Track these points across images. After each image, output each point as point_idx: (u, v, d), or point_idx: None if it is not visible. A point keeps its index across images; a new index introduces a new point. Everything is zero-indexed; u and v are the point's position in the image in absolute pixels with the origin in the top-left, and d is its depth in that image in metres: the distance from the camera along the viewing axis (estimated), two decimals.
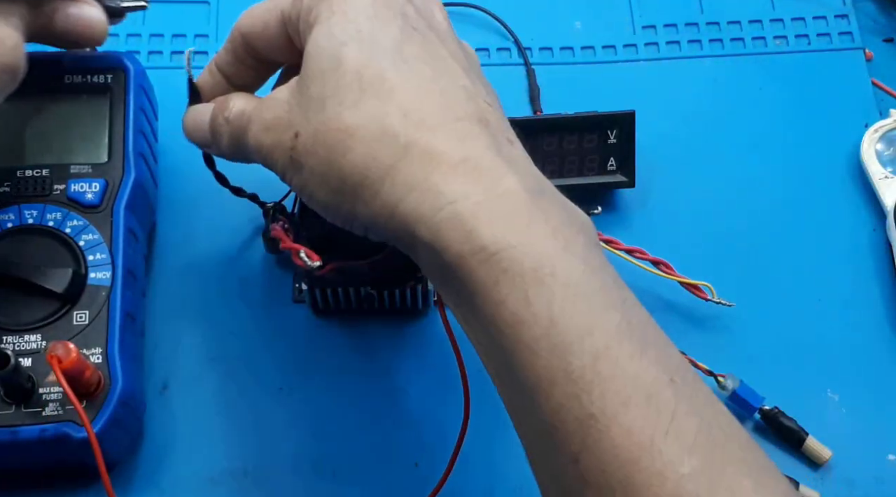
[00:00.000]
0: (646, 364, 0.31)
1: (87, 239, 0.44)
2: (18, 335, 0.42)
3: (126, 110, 0.47)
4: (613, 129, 0.53)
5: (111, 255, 0.44)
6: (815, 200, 0.55)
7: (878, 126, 0.57)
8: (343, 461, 0.47)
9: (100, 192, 0.45)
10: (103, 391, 0.41)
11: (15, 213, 0.44)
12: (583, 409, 0.30)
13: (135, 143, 0.47)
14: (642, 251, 0.50)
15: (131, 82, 0.48)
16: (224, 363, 0.49)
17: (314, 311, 0.51)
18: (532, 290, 0.31)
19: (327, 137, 0.34)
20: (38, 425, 0.40)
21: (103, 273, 0.44)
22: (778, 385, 0.49)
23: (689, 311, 0.51)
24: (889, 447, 0.49)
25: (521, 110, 0.57)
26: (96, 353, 0.42)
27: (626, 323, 0.32)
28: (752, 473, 0.30)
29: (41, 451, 0.41)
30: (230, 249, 0.52)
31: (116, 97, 0.47)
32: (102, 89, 0.47)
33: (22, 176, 0.45)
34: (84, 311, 0.43)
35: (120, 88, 0.47)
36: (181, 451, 0.47)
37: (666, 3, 0.62)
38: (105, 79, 0.47)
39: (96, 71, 0.47)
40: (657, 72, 0.60)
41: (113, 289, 0.44)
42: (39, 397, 0.41)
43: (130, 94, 0.47)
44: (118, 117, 0.47)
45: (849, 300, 0.52)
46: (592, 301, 0.32)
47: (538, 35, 0.60)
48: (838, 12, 0.62)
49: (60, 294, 0.42)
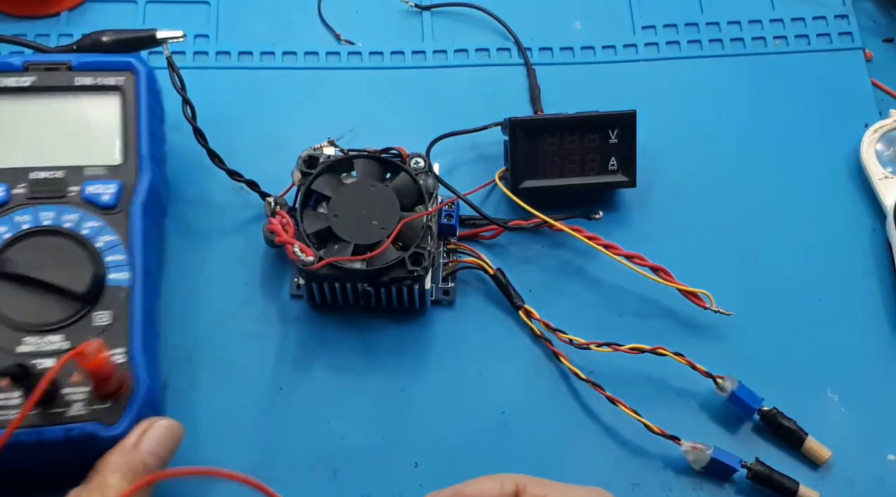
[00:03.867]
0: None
1: (105, 240, 0.44)
2: (40, 336, 0.42)
3: (138, 112, 0.47)
4: (615, 128, 0.53)
5: (130, 255, 0.44)
6: (815, 200, 0.56)
7: (877, 126, 0.57)
8: (343, 461, 0.47)
9: (116, 194, 0.45)
10: (128, 390, 0.42)
11: (31, 215, 0.44)
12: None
13: (148, 144, 0.47)
14: (641, 257, 0.50)
15: (142, 84, 0.48)
16: (224, 362, 0.49)
17: (311, 306, 0.51)
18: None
19: None
20: (63, 425, 0.40)
21: (123, 273, 0.44)
22: (778, 385, 0.49)
23: (688, 312, 0.51)
24: (889, 447, 0.49)
25: (522, 110, 0.57)
26: (120, 353, 0.42)
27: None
28: None
29: (67, 452, 0.41)
30: (232, 246, 0.52)
31: (128, 99, 0.47)
32: (113, 90, 0.47)
33: (36, 178, 0.45)
34: (105, 312, 0.43)
35: (131, 90, 0.47)
36: (180, 451, 0.47)
37: (666, 4, 0.62)
38: (116, 80, 0.47)
39: (107, 73, 0.47)
40: (657, 72, 0.60)
41: (133, 289, 0.44)
42: (63, 398, 0.41)
43: (142, 95, 0.47)
44: (130, 119, 0.47)
45: (849, 300, 0.53)
46: None
47: (538, 35, 0.60)
48: (838, 12, 0.62)
49: (81, 295, 0.42)
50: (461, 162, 0.56)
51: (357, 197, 0.49)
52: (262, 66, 0.59)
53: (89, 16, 0.56)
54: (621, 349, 0.48)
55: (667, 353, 0.48)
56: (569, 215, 0.53)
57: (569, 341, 0.49)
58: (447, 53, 0.60)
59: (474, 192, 0.53)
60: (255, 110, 0.56)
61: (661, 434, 0.47)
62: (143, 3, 0.59)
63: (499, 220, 0.53)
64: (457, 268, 0.52)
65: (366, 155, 0.50)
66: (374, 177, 0.50)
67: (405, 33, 0.60)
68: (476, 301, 0.52)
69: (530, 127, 0.52)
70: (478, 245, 0.53)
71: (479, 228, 0.53)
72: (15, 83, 0.47)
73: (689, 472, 0.47)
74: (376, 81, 0.59)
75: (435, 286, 0.51)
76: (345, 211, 0.48)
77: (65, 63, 0.47)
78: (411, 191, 0.49)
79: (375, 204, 0.48)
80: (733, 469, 0.46)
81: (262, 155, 0.53)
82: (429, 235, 0.48)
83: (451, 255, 0.52)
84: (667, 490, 0.47)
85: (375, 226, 0.48)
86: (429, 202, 0.49)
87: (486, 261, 0.51)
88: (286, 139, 0.54)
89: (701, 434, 0.47)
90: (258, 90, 0.57)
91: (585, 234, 0.51)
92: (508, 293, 0.51)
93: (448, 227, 0.51)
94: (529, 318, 0.50)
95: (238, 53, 0.59)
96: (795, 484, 0.46)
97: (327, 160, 0.50)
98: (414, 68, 0.59)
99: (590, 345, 0.49)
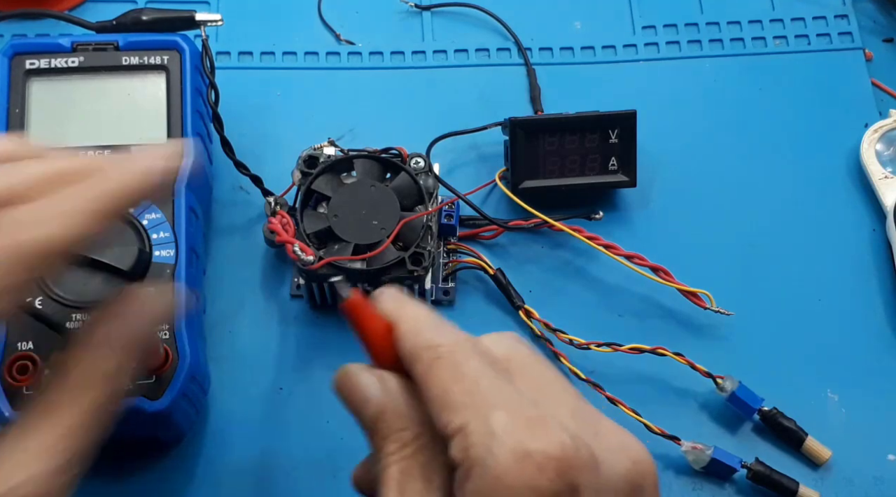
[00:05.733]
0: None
1: (150, 218, 0.45)
2: (87, 313, 0.42)
3: (183, 90, 0.47)
4: (615, 128, 0.53)
5: (174, 233, 0.45)
6: (815, 201, 0.56)
7: (877, 126, 0.57)
8: (343, 461, 0.47)
9: None
10: (172, 366, 0.42)
11: None
12: None
13: (193, 123, 0.47)
14: (641, 257, 0.50)
15: (187, 63, 0.48)
16: (224, 362, 0.49)
17: (311, 306, 0.51)
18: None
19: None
20: None
21: (167, 251, 0.44)
22: (778, 386, 0.49)
23: (688, 312, 0.51)
24: (889, 447, 0.49)
25: (522, 110, 0.57)
26: (163, 329, 0.43)
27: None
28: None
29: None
30: (232, 246, 0.52)
31: (173, 77, 0.48)
32: (159, 69, 0.48)
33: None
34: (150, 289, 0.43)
35: (176, 68, 0.48)
36: (179, 451, 0.47)
37: (666, 3, 0.62)
38: (162, 59, 0.48)
39: (153, 51, 0.48)
40: (657, 72, 0.60)
41: (177, 266, 0.44)
42: None
43: (187, 74, 0.48)
44: (175, 97, 0.47)
45: (849, 300, 0.53)
46: None
47: (538, 35, 0.60)
48: (838, 12, 0.62)
49: (127, 272, 0.42)
50: (461, 162, 0.56)
51: (357, 197, 0.49)
52: (261, 66, 0.59)
53: (89, 16, 0.56)
54: (621, 349, 0.48)
55: (667, 353, 0.48)
56: (569, 215, 0.53)
57: (569, 341, 0.49)
58: (447, 53, 0.60)
59: (474, 192, 0.53)
60: (255, 110, 0.56)
61: (661, 434, 0.47)
62: (143, 3, 0.59)
63: (499, 220, 0.53)
64: (457, 268, 0.52)
65: (366, 155, 0.50)
66: (374, 177, 0.50)
67: (405, 33, 0.60)
68: (476, 301, 0.52)
69: (530, 127, 0.52)
70: (478, 245, 0.53)
71: (479, 228, 0.53)
72: (64, 64, 0.47)
73: (689, 472, 0.47)
74: (376, 81, 0.58)
75: (435, 286, 0.51)
76: (345, 211, 0.48)
77: (112, 43, 0.48)
78: (411, 191, 0.49)
79: (375, 204, 0.48)
80: (733, 469, 0.46)
81: (262, 155, 0.53)
82: (429, 235, 0.48)
83: (451, 256, 0.52)
84: (667, 490, 0.47)
85: (375, 226, 0.48)
86: (429, 202, 0.49)
87: (486, 261, 0.51)
88: (286, 139, 0.54)
89: (701, 434, 0.47)
90: (258, 90, 0.57)
91: (585, 234, 0.51)
92: (508, 293, 0.51)
93: (448, 227, 0.51)
94: (529, 318, 0.50)
95: (238, 53, 0.59)
96: (795, 484, 0.46)
97: (327, 160, 0.50)
98: (414, 68, 0.59)
99: (590, 345, 0.49)
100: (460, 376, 0.30)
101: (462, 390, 0.29)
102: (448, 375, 0.30)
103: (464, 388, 0.29)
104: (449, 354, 0.30)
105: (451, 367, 0.30)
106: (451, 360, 0.30)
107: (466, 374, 0.30)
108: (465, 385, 0.29)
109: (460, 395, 0.29)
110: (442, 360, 0.30)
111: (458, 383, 0.29)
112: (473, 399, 0.29)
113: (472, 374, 0.30)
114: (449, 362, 0.30)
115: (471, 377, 0.30)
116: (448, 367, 0.30)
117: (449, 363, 0.30)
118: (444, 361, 0.30)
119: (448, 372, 0.30)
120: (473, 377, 0.30)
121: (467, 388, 0.29)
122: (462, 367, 0.30)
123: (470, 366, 0.30)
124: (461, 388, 0.29)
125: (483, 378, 0.30)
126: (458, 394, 0.29)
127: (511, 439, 0.28)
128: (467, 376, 0.30)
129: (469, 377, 0.30)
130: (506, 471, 0.27)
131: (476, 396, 0.29)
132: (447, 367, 0.30)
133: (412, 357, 0.31)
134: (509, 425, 0.28)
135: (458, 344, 0.31)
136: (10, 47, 0.47)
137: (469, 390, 0.29)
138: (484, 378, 0.30)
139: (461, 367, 0.30)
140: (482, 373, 0.30)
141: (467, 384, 0.29)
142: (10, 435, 0.30)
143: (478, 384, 0.29)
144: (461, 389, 0.29)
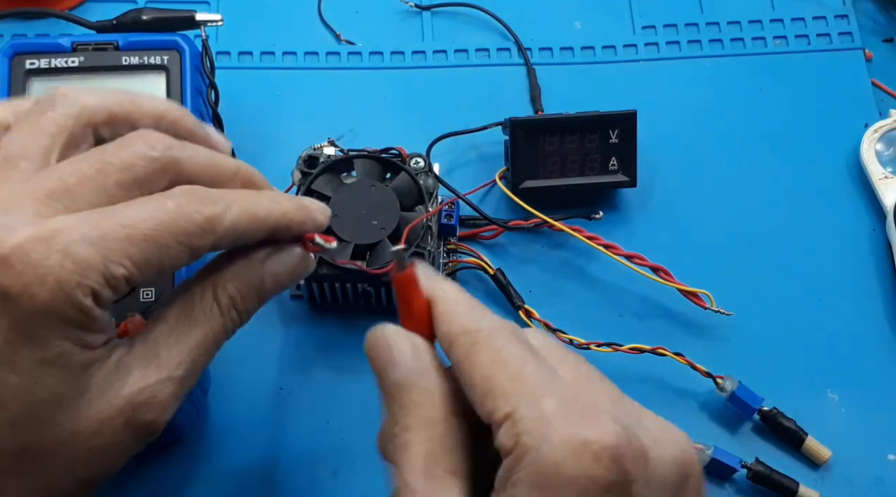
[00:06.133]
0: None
1: None
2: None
3: (183, 90, 0.47)
4: (615, 128, 0.53)
5: None
6: (815, 201, 0.56)
7: (877, 126, 0.57)
8: (343, 461, 0.47)
9: None
10: None
11: None
12: None
13: None
14: (641, 257, 0.50)
15: (187, 63, 0.48)
16: (223, 362, 0.49)
17: (311, 306, 0.51)
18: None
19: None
20: None
21: None
22: (778, 386, 0.49)
23: (688, 312, 0.51)
24: (889, 447, 0.49)
25: (522, 110, 0.57)
26: None
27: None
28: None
29: None
30: None
31: (173, 77, 0.47)
32: (159, 69, 0.48)
33: None
34: (150, 289, 0.43)
35: (176, 68, 0.48)
36: (179, 451, 0.47)
37: (666, 4, 0.62)
38: (162, 59, 0.48)
39: (153, 51, 0.48)
40: (657, 72, 0.60)
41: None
42: None
43: (187, 74, 0.48)
44: (175, 97, 0.47)
45: (849, 300, 0.53)
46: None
47: (538, 35, 0.60)
48: (838, 12, 0.62)
49: None
50: (461, 162, 0.56)
51: (357, 197, 0.48)
52: (261, 66, 0.59)
53: (89, 16, 0.56)
54: (621, 349, 0.48)
55: (667, 353, 0.48)
56: (569, 215, 0.53)
57: (569, 341, 0.49)
58: (447, 53, 0.60)
59: (474, 192, 0.53)
60: (255, 110, 0.56)
61: None
62: (143, 3, 0.59)
63: (499, 220, 0.53)
64: (457, 268, 0.52)
65: (366, 155, 0.50)
66: (374, 177, 0.50)
67: (405, 33, 0.60)
68: None
69: (530, 127, 0.52)
70: (478, 245, 0.53)
71: (479, 228, 0.53)
72: (64, 63, 0.47)
73: None
74: (376, 81, 0.59)
75: None
76: (345, 211, 0.48)
77: (112, 43, 0.48)
78: (411, 191, 0.49)
79: (375, 204, 0.48)
80: (733, 469, 0.46)
81: (262, 155, 0.53)
82: (429, 235, 0.48)
83: (451, 255, 0.52)
84: None
85: (375, 226, 0.48)
86: (429, 202, 0.49)
87: (486, 261, 0.51)
88: (286, 139, 0.54)
89: (701, 434, 0.48)
90: (258, 90, 0.57)
91: (585, 234, 0.51)
92: (508, 293, 0.51)
93: (448, 227, 0.51)
94: (529, 318, 0.50)
95: (238, 53, 0.59)
96: (795, 484, 0.46)
97: (327, 160, 0.50)
98: (414, 68, 0.59)
99: (590, 345, 0.49)
100: (502, 362, 0.29)
101: (507, 376, 0.29)
102: (488, 361, 0.29)
103: (508, 374, 0.29)
104: (487, 339, 0.30)
105: (492, 353, 0.30)
106: (491, 345, 0.30)
107: (508, 361, 0.29)
108: (510, 371, 0.29)
109: (505, 381, 0.29)
110: (480, 345, 0.30)
111: (501, 369, 0.29)
112: (520, 386, 0.29)
113: (515, 361, 0.29)
114: (489, 347, 0.30)
115: (514, 364, 0.29)
116: (489, 353, 0.30)
117: (489, 348, 0.30)
118: (483, 346, 0.30)
119: (488, 357, 0.29)
120: (517, 363, 0.29)
121: (512, 374, 0.29)
122: (502, 353, 0.29)
123: (510, 351, 0.30)
124: (506, 375, 0.29)
125: (527, 364, 0.29)
126: (502, 380, 0.29)
127: (565, 427, 0.27)
128: (510, 362, 0.29)
129: (512, 363, 0.29)
130: (563, 459, 0.27)
131: (522, 383, 0.29)
132: (487, 352, 0.30)
133: (449, 340, 0.31)
134: (562, 413, 0.28)
135: (496, 329, 0.30)
136: (10, 47, 0.47)
137: (514, 377, 0.29)
138: (528, 364, 0.29)
139: (502, 352, 0.29)
140: (525, 359, 0.29)
141: (512, 370, 0.29)
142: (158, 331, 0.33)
143: (522, 370, 0.29)
144: (506, 376, 0.29)
